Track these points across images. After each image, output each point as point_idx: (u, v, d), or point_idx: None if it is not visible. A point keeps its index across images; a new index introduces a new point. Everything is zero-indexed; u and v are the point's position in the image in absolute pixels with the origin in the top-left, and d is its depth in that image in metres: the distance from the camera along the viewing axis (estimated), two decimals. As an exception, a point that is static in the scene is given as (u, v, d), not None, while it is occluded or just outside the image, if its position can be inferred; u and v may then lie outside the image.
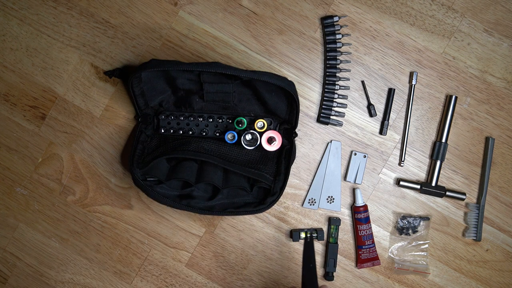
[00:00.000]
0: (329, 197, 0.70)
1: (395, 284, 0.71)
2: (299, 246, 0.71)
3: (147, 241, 0.71)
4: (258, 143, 0.65)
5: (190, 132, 0.68)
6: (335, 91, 0.70)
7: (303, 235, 0.69)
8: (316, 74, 0.71)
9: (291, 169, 0.69)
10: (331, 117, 0.70)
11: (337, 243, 0.70)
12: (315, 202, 0.70)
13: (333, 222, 0.69)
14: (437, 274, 0.71)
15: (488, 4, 0.70)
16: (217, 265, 0.71)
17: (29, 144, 0.71)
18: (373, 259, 0.69)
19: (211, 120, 0.67)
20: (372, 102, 0.70)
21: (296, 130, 0.67)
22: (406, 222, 0.70)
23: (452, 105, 0.69)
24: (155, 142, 0.67)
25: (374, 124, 0.71)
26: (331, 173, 0.70)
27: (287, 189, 0.71)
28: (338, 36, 0.69)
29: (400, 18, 0.70)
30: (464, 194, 0.70)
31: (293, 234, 0.69)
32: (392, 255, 0.71)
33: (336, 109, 0.70)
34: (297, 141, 0.71)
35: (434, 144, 0.70)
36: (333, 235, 0.70)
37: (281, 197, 0.67)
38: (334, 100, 0.70)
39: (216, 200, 0.65)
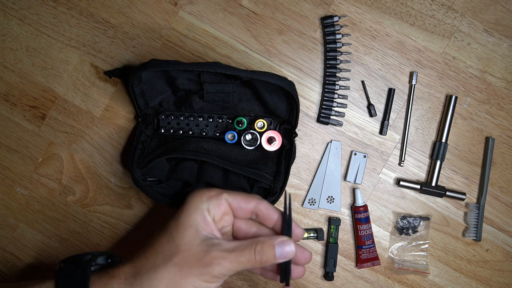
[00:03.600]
0: (329, 197, 0.70)
1: (395, 284, 0.71)
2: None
3: (148, 242, 0.71)
4: (258, 143, 0.66)
5: (190, 132, 0.68)
6: (335, 91, 0.70)
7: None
8: (316, 74, 0.71)
9: (291, 169, 0.69)
10: (331, 117, 0.70)
11: (337, 243, 0.70)
12: (315, 202, 0.70)
13: (333, 222, 0.70)
14: (437, 274, 0.71)
15: (488, 4, 0.70)
16: (217, 265, 0.71)
17: (29, 144, 0.71)
18: (373, 259, 0.69)
19: (211, 120, 0.67)
20: (372, 102, 0.70)
21: (296, 130, 0.67)
22: (406, 222, 0.70)
23: (452, 105, 0.69)
24: (155, 142, 0.67)
25: (374, 124, 0.71)
26: (331, 173, 0.70)
27: (287, 189, 0.71)
28: (338, 36, 0.69)
29: (400, 18, 0.70)
30: (464, 194, 0.70)
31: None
32: (392, 255, 0.71)
33: (336, 109, 0.70)
34: (297, 141, 0.71)
35: (434, 144, 0.70)
36: (333, 235, 0.70)
37: (281, 197, 0.67)
38: (334, 100, 0.70)
39: (216, 200, 0.65)
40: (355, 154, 0.70)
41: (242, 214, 0.53)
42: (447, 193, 0.69)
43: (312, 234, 0.70)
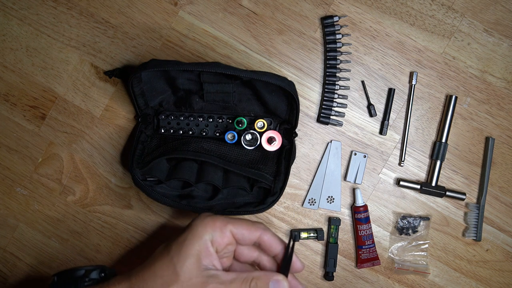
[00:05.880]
0: (329, 197, 0.70)
1: (395, 284, 0.71)
2: (298, 246, 0.71)
3: (147, 241, 0.71)
4: (258, 143, 0.66)
5: (190, 132, 0.68)
6: (335, 91, 0.70)
7: (303, 235, 0.69)
8: (316, 74, 0.71)
9: (291, 169, 0.69)
10: (331, 117, 0.70)
11: (337, 243, 0.70)
12: (315, 202, 0.70)
13: (333, 222, 0.70)
14: (437, 274, 0.71)
15: (488, 4, 0.70)
16: (217, 265, 0.71)
17: (29, 144, 0.71)
18: (373, 259, 0.69)
19: (211, 120, 0.67)
20: (372, 102, 0.70)
21: (296, 130, 0.67)
22: (406, 222, 0.70)
23: (452, 105, 0.69)
24: (155, 142, 0.67)
25: (374, 124, 0.71)
26: (331, 173, 0.70)
27: (287, 189, 0.71)
28: (338, 36, 0.69)
29: (400, 18, 0.70)
30: (464, 194, 0.70)
31: (293, 234, 0.69)
32: (392, 255, 0.71)
33: (336, 109, 0.70)
34: (297, 141, 0.71)
35: (434, 144, 0.70)
36: (333, 235, 0.70)
37: (281, 197, 0.67)
38: (334, 100, 0.70)
39: (216, 200, 0.65)
40: (355, 154, 0.70)
41: (245, 243, 0.53)
42: (447, 193, 0.69)
43: (312, 234, 0.70)
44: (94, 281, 0.54)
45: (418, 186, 0.69)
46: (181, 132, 0.68)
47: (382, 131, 0.70)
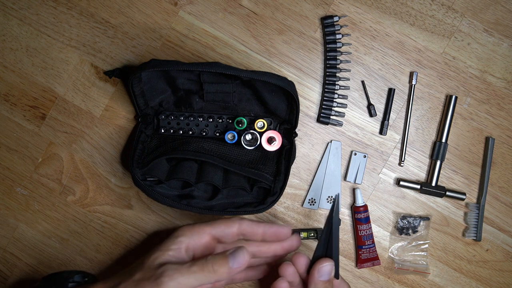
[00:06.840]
0: (329, 197, 0.70)
1: (395, 284, 0.71)
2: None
3: (147, 241, 0.71)
4: (258, 143, 0.66)
5: (190, 132, 0.68)
6: (335, 91, 0.70)
7: (303, 235, 0.69)
8: (316, 74, 0.71)
9: (291, 169, 0.69)
10: (331, 117, 0.70)
11: (337, 243, 0.70)
12: (315, 202, 0.70)
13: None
14: (437, 274, 0.71)
15: (488, 4, 0.70)
16: (217, 265, 0.71)
17: (29, 144, 0.71)
18: (373, 259, 0.69)
19: (211, 120, 0.67)
20: (372, 102, 0.70)
21: (296, 130, 0.67)
22: (406, 222, 0.70)
23: (452, 105, 0.69)
24: (155, 142, 0.67)
25: (374, 124, 0.71)
26: (331, 173, 0.70)
27: (287, 189, 0.71)
28: (338, 36, 0.69)
29: (400, 18, 0.70)
30: (464, 194, 0.70)
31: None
32: (392, 255, 0.71)
33: (336, 109, 0.70)
34: (297, 141, 0.71)
35: (434, 144, 0.70)
36: (333, 235, 0.70)
37: (281, 197, 0.67)
38: (334, 100, 0.70)
39: (216, 200, 0.65)
40: (355, 154, 0.70)
41: (229, 239, 0.54)
42: (447, 193, 0.69)
43: (312, 234, 0.70)
44: (78, 284, 0.57)
45: (418, 186, 0.69)
46: (181, 132, 0.68)
47: (382, 131, 0.70)
